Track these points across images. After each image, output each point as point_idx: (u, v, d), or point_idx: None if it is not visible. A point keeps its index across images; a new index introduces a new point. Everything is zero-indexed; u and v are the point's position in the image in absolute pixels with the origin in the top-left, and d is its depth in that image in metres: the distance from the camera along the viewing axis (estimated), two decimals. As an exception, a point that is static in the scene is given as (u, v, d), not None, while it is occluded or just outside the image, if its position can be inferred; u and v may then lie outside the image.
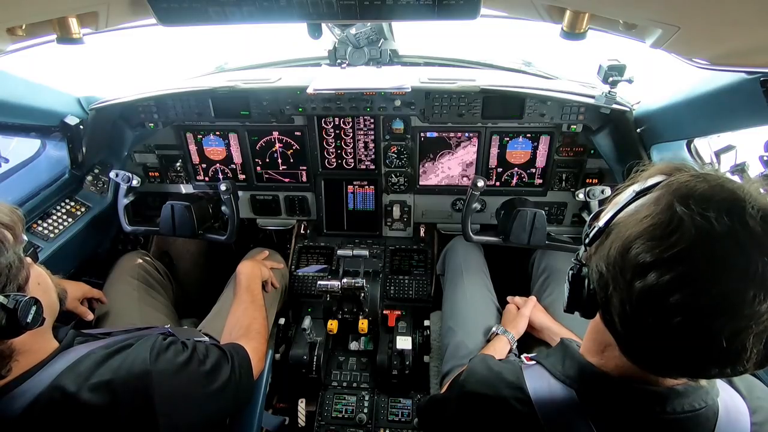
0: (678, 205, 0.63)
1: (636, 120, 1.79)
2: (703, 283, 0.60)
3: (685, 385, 0.77)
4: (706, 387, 0.78)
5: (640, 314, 0.66)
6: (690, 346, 0.64)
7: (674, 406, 0.76)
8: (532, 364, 0.96)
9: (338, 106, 2.05)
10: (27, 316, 0.89)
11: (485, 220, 2.35)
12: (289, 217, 2.54)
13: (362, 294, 1.94)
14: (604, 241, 0.74)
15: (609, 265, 0.70)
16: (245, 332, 1.56)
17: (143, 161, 2.37)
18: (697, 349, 0.64)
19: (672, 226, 0.62)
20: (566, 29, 0.95)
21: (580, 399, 0.83)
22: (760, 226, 0.60)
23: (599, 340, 0.84)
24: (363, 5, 0.95)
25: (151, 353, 1.08)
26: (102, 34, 1.11)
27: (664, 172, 0.73)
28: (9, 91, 1.62)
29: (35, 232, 1.96)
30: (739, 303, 0.58)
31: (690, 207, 0.62)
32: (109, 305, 1.86)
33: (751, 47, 0.92)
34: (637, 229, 0.66)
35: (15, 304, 0.87)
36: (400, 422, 1.89)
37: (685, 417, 0.76)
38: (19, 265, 0.94)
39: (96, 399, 0.98)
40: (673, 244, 0.61)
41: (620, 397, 0.80)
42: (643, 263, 0.63)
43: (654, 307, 0.63)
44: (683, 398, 0.77)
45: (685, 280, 0.60)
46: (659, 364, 0.72)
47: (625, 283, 0.66)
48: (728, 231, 0.59)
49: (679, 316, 0.61)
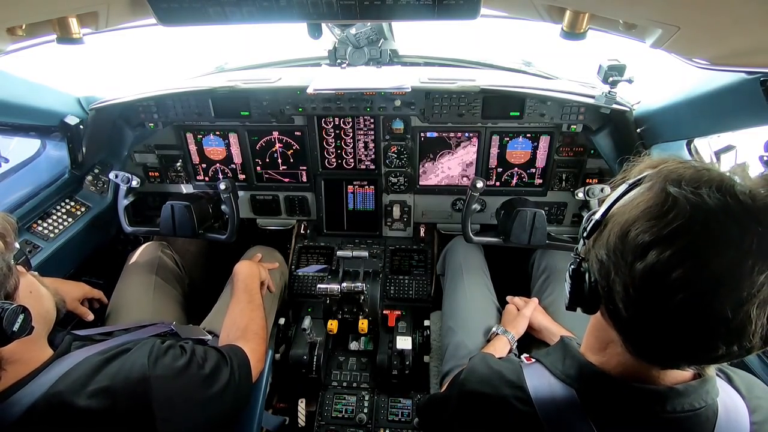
0: (670, 186, 0.65)
1: (636, 120, 1.79)
2: (703, 256, 0.61)
3: (686, 385, 0.77)
4: (706, 386, 0.78)
5: (643, 296, 0.66)
6: (694, 325, 0.64)
7: (674, 406, 0.76)
8: (532, 363, 0.96)
9: (338, 106, 2.05)
10: (13, 325, 0.87)
11: (485, 220, 2.35)
12: (289, 217, 2.54)
13: (362, 297, 1.94)
14: (602, 232, 0.75)
15: (609, 252, 0.71)
16: (243, 333, 1.55)
17: (143, 161, 2.37)
18: (702, 327, 0.64)
19: (667, 205, 0.64)
20: (566, 29, 0.95)
21: (580, 398, 0.83)
22: (750, 199, 0.62)
23: (601, 337, 0.84)
24: (363, 5, 0.95)
25: (149, 358, 1.08)
26: (102, 34, 1.11)
27: (653, 165, 0.75)
28: (9, 91, 1.62)
29: (35, 232, 1.97)
30: (738, 274, 0.60)
31: (682, 187, 0.64)
32: (123, 295, 1.89)
33: (751, 47, 0.91)
34: (633, 213, 0.68)
35: (1, 311, 0.85)
36: (400, 422, 1.89)
37: (685, 416, 0.76)
38: (8, 272, 0.93)
39: (94, 405, 0.97)
40: (670, 222, 0.63)
41: (620, 396, 0.79)
42: (642, 243, 0.65)
43: (657, 286, 0.64)
44: (683, 398, 0.76)
45: (684, 254, 0.62)
46: (664, 352, 0.71)
47: (627, 267, 0.67)
48: (721, 205, 0.61)
49: (681, 292, 0.62)
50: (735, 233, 0.60)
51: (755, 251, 0.59)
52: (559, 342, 0.97)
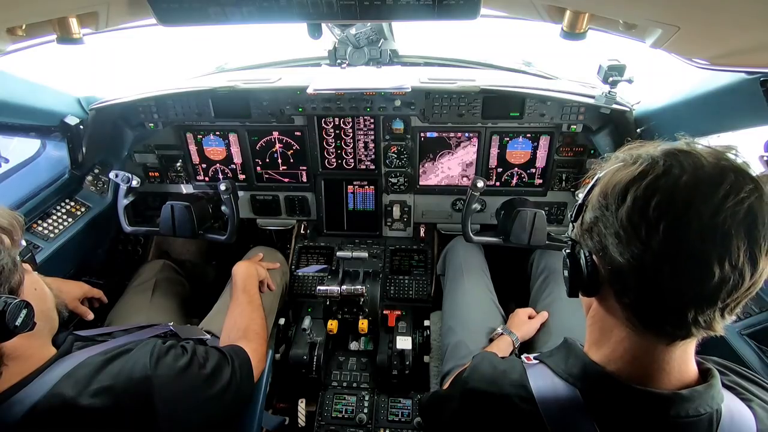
0: (636, 150, 0.77)
1: (636, 120, 1.79)
2: (673, 178, 0.68)
3: (691, 390, 0.77)
4: (712, 392, 0.78)
5: (633, 234, 0.70)
6: (684, 251, 0.67)
7: (678, 411, 0.76)
8: (535, 363, 0.96)
9: (338, 106, 2.05)
10: (16, 319, 0.87)
11: (485, 220, 2.35)
12: (289, 217, 2.54)
13: (362, 300, 1.94)
14: (587, 209, 0.81)
15: (595, 211, 0.78)
16: (244, 334, 1.55)
17: (143, 161, 2.36)
18: (691, 252, 0.66)
19: (635, 156, 0.75)
20: (566, 29, 0.96)
21: (583, 398, 0.83)
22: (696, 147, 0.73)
23: (603, 326, 0.84)
24: (363, 5, 0.95)
25: (150, 358, 1.08)
26: (102, 34, 1.11)
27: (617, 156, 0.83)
28: (9, 91, 1.62)
29: (35, 232, 1.96)
30: (710, 192, 0.65)
31: (646, 146, 0.77)
32: (124, 298, 1.95)
33: (751, 47, 0.92)
34: (608, 176, 0.78)
35: (4, 306, 0.85)
36: (400, 422, 1.89)
37: (690, 421, 0.76)
38: (13, 268, 0.93)
39: (97, 405, 0.97)
40: (638, 166, 0.73)
41: (624, 398, 0.79)
42: (620, 188, 0.73)
43: (641, 219, 0.69)
44: (688, 403, 0.76)
45: (654, 184, 0.69)
46: (668, 301, 0.70)
47: (613, 215, 0.73)
48: (671, 148, 0.73)
49: (663, 219, 0.67)
50: (690, 160, 0.69)
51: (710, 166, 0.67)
52: (562, 342, 0.96)
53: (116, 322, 1.83)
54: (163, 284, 2.08)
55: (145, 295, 1.98)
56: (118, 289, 2.04)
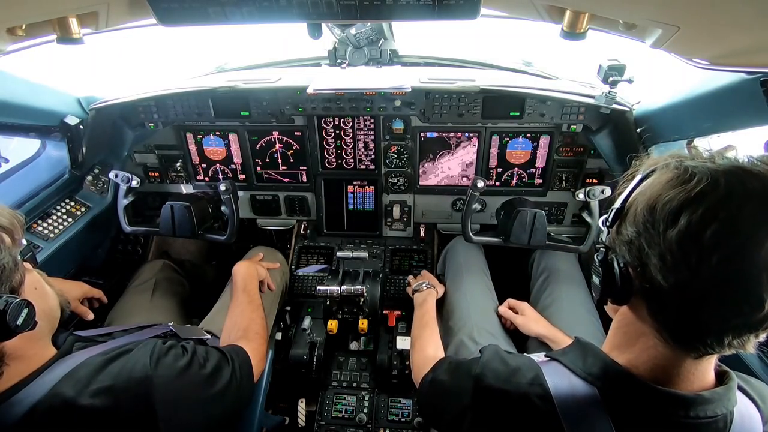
0: (685, 162, 0.71)
1: (636, 120, 1.79)
2: (731, 209, 0.63)
3: (712, 392, 0.77)
4: (730, 394, 0.78)
5: (681, 260, 0.66)
6: (733, 282, 0.64)
7: (698, 412, 0.75)
8: (549, 361, 0.94)
9: (338, 106, 2.05)
10: (17, 318, 0.86)
11: (485, 220, 2.35)
12: (289, 217, 2.54)
13: (362, 300, 1.94)
14: (625, 218, 0.77)
15: (638, 228, 0.73)
16: (244, 333, 1.55)
17: (143, 161, 2.37)
18: (741, 281, 0.64)
19: (688, 174, 0.69)
20: (566, 29, 0.95)
21: (602, 397, 0.82)
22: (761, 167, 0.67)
23: (630, 332, 0.82)
24: (363, 5, 0.95)
25: (151, 358, 1.08)
26: (102, 34, 1.11)
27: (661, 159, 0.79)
28: (9, 91, 1.62)
29: (35, 232, 1.96)
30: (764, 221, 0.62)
31: (696, 160, 0.71)
32: (123, 299, 1.96)
33: (751, 47, 0.91)
34: (657, 188, 0.72)
35: (5, 305, 0.85)
36: (400, 422, 1.89)
37: (705, 423, 0.76)
38: (13, 267, 0.93)
39: (97, 405, 0.97)
40: (695, 185, 0.66)
41: (646, 398, 0.78)
42: (672, 210, 0.67)
43: (693, 247, 0.65)
44: (708, 404, 0.76)
45: (714, 210, 0.64)
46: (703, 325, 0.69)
47: (660, 236, 0.68)
48: (736, 166, 0.67)
49: (716, 252, 0.63)
50: (757, 185, 0.64)
51: None
52: (575, 342, 0.95)
53: (116, 322, 1.83)
54: (163, 284, 2.08)
55: (145, 295, 1.98)
56: (118, 289, 2.05)
